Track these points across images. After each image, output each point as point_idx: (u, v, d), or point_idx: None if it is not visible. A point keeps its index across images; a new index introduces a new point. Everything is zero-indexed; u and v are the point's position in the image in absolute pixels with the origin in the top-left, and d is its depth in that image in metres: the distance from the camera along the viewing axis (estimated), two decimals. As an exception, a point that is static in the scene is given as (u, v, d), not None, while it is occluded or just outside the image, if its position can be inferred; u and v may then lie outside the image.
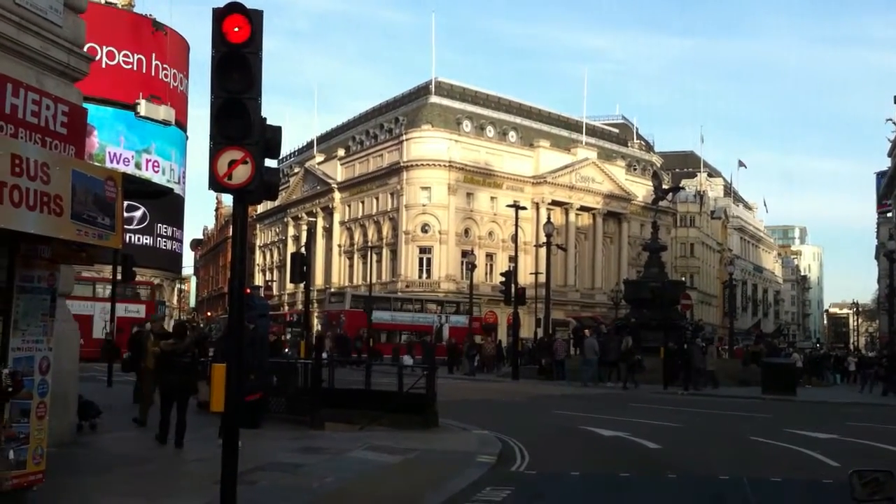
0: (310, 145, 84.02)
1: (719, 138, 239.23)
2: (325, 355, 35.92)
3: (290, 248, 76.62)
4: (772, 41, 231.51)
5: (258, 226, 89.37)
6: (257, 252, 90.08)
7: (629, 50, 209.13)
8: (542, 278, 42.61)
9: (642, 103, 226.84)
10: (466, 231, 68.08)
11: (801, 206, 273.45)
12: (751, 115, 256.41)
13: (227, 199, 72.68)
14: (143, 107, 52.92)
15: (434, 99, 70.93)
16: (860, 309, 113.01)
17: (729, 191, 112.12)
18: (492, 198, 68.39)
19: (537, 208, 69.06)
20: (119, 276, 23.89)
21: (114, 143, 52.03)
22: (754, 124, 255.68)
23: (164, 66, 54.95)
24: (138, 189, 11.85)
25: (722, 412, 21.60)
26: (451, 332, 47.92)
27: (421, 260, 67.10)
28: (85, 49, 11.50)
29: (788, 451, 13.78)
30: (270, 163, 7.44)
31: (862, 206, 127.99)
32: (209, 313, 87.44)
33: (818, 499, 10.06)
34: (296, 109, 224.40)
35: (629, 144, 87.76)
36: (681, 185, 77.52)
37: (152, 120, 53.72)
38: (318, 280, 71.29)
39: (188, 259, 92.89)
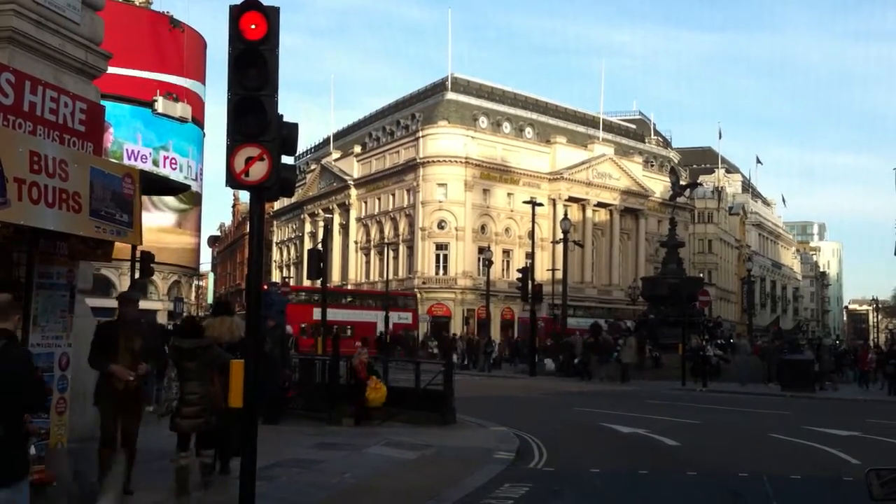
0: (326, 142, 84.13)
1: (738, 134, 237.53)
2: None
3: (307, 245, 76.84)
4: (792, 36, 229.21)
5: (275, 222, 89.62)
6: (274, 248, 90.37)
7: (647, 45, 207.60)
8: (559, 275, 42.52)
9: (660, 99, 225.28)
10: (483, 227, 67.95)
11: (821, 202, 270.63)
12: (770, 111, 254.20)
13: (244, 196, 73.01)
14: (161, 104, 53.11)
15: (450, 95, 70.81)
16: (880, 305, 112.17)
17: (747, 187, 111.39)
18: (508, 194, 68.19)
19: (554, 205, 68.93)
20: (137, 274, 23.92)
21: (131, 141, 52.25)
22: (774, 120, 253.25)
23: (181, 63, 55.14)
24: (156, 186, 11.84)
25: (741, 409, 21.47)
26: None
27: (437, 256, 67.05)
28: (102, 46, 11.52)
29: (808, 448, 13.68)
30: (287, 159, 7.44)
31: (883, 202, 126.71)
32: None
33: (839, 497, 9.97)
34: (312, 106, 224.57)
35: (646, 140, 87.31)
36: (698, 182, 77.24)
37: (169, 117, 53.89)
38: (335, 276, 71.45)
39: (206, 256, 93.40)
